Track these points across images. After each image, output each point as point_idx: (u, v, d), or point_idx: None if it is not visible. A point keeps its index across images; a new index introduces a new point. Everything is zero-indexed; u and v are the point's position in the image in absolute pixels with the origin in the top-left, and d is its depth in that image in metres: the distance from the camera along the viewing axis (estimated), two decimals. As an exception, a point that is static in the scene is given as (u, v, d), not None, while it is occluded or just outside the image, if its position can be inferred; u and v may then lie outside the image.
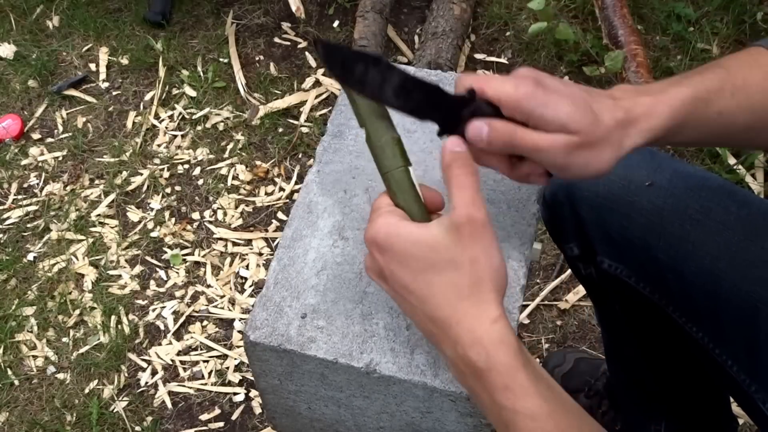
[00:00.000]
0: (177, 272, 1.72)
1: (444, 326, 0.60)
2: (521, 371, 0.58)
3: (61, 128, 2.00)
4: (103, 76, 2.10)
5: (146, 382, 1.57)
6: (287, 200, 1.83)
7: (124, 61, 2.12)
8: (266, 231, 1.78)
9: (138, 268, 1.73)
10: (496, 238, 0.61)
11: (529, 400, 0.57)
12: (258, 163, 1.89)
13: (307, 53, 2.11)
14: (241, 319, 1.64)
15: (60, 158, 1.94)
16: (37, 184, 1.90)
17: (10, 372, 1.59)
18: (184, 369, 1.59)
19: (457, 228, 0.60)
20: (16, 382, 1.58)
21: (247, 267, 1.72)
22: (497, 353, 0.58)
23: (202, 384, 1.56)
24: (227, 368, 1.58)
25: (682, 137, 0.69)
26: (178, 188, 1.86)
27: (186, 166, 1.90)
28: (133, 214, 1.82)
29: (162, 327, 1.64)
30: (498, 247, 0.61)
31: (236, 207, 1.82)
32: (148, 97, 2.05)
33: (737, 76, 0.69)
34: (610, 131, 0.64)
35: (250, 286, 1.69)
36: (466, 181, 0.61)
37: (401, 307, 0.65)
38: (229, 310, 1.66)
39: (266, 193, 1.84)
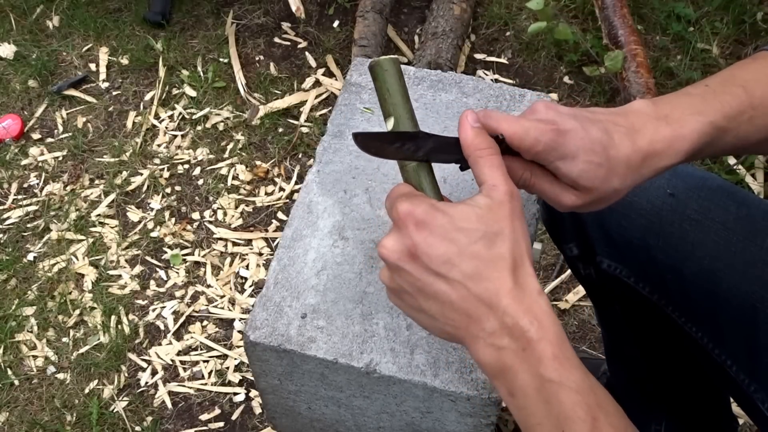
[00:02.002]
0: (177, 272, 1.72)
1: (492, 299, 0.58)
2: (566, 343, 0.58)
3: (61, 128, 2.00)
4: (103, 76, 2.10)
5: (146, 382, 1.57)
6: (287, 200, 1.83)
7: (124, 61, 2.12)
8: (266, 231, 1.78)
9: (138, 268, 1.73)
10: None
11: (575, 372, 0.57)
12: (258, 163, 1.89)
13: (307, 53, 2.11)
14: (241, 319, 1.64)
15: (60, 158, 1.94)
16: (37, 184, 1.90)
17: (10, 372, 1.59)
18: (184, 369, 1.59)
19: (503, 202, 0.60)
20: (16, 382, 1.58)
21: (247, 267, 1.72)
22: (548, 322, 0.58)
23: (202, 384, 1.56)
24: (227, 368, 1.58)
25: (691, 160, 0.70)
26: (178, 188, 1.86)
27: (186, 166, 1.90)
28: (133, 214, 1.82)
29: (162, 327, 1.64)
30: None
31: (236, 207, 1.82)
32: (148, 97, 2.05)
33: (755, 95, 0.69)
34: (623, 179, 0.65)
35: (250, 286, 1.69)
36: (496, 161, 0.62)
37: (428, 289, 0.60)
38: (229, 310, 1.66)
39: (266, 193, 1.85)
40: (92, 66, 2.12)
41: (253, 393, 1.54)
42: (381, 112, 0.69)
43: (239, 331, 1.63)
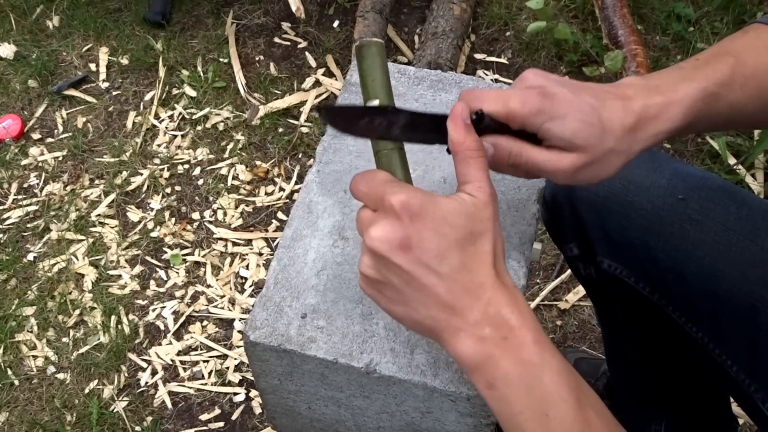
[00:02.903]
0: (177, 272, 1.72)
1: (477, 290, 0.60)
2: (543, 331, 0.60)
3: (61, 128, 2.00)
4: (103, 76, 2.10)
5: (146, 382, 1.57)
6: (287, 200, 1.83)
7: (124, 61, 2.12)
8: (266, 231, 1.78)
9: (138, 268, 1.73)
10: None
11: (555, 356, 0.59)
12: (258, 163, 1.89)
13: (307, 53, 2.11)
14: (241, 319, 1.64)
15: (60, 158, 1.94)
16: (37, 184, 1.90)
17: (10, 372, 1.59)
18: (184, 369, 1.59)
19: (488, 203, 0.61)
20: (16, 382, 1.58)
21: (247, 267, 1.72)
22: (527, 311, 0.60)
23: (202, 384, 1.56)
24: (227, 368, 1.58)
25: (690, 130, 0.69)
26: (178, 188, 1.86)
27: (186, 166, 1.90)
28: (133, 214, 1.82)
29: (162, 327, 1.64)
30: None
31: (236, 207, 1.82)
32: (148, 97, 2.05)
33: (746, 64, 0.69)
34: (619, 141, 0.65)
35: (250, 286, 1.69)
36: (484, 163, 0.63)
37: (416, 282, 0.60)
38: (229, 310, 1.66)
39: (266, 193, 1.85)
40: (92, 66, 2.12)
41: (253, 393, 1.54)
42: (362, 94, 0.68)
43: (239, 331, 1.63)
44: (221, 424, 1.51)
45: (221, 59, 2.10)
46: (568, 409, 0.58)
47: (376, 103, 0.66)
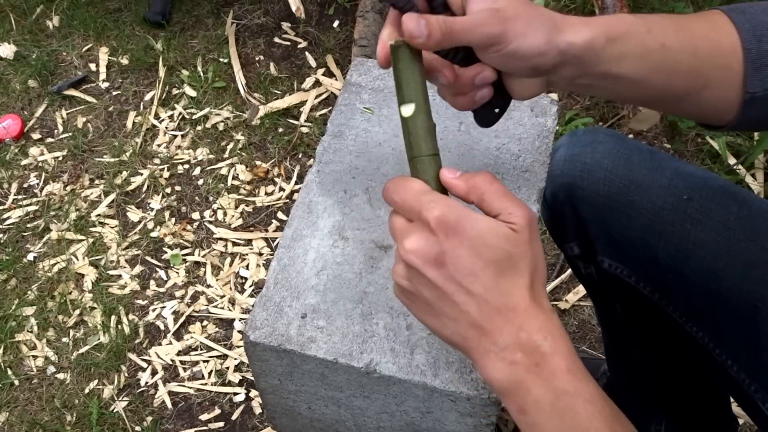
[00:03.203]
0: (177, 272, 1.72)
1: (509, 314, 0.59)
2: (578, 358, 0.59)
3: (61, 128, 2.00)
4: (103, 76, 2.10)
5: (146, 382, 1.57)
6: (287, 200, 1.83)
7: (124, 61, 2.12)
8: (266, 231, 1.78)
9: (138, 268, 1.73)
10: None
11: (589, 384, 0.58)
12: (258, 163, 1.89)
13: (307, 53, 2.11)
14: (241, 319, 1.64)
15: (60, 158, 1.94)
16: (37, 184, 1.90)
17: (10, 372, 1.59)
18: (184, 369, 1.58)
19: (525, 227, 0.60)
20: (16, 382, 1.58)
21: (247, 267, 1.72)
22: (561, 337, 0.59)
23: (202, 384, 1.56)
24: (227, 368, 1.58)
25: (625, 65, 0.67)
26: (178, 188, 1.86)
27: (186, 166, 1.90)
28: (133, 214, 1.82)
29: (162, 327, 1.64)
30: None
31: (236, 207, 1.82)
32: (148, 97, 2.05)
33: (683, 20, 0.69)
34: (544, 15, 0.64)
35: (250, 286, 1.69)
36: (500, 190, 0.62)
37: (448, 298, 0.60)
38: (229, 310, 1.66)
39: (266, 193, 1.84)
40: (92, 66, 2.12)
41: (253, 393, 1.54)
42: (397, 98, 0.66)
43: (239, 331, 1.63)
44: (221, 424, 1.51)
45: (221, 59, 2.10)
46: None
47: (411, 107, 0.64)
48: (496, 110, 0.74)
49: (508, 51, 0.64)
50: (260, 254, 1.74)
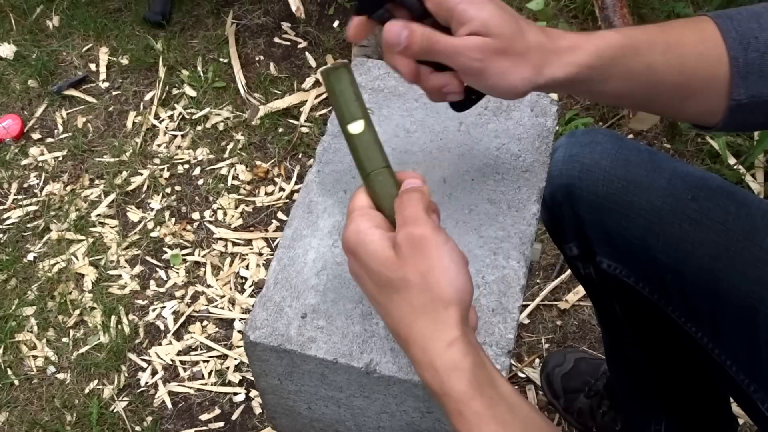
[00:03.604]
0: (177, 272, 1.72)
1: (403, 343, 0.60)
2: (476, 399, 0.56)
3: (61, 128, 2.00)
4: (103, 76, 2.10)
5: (146, 382, 1.57)
6: (287, 200, 1.83)
7: (124, 61, 2.12)
8: (266, 231, 1.78)
9: (138, 268, 1.73)
10: (454, 251, 0.59)
11: (484, 428, 0.55)
12: (258, 163, 1.89)
13: (307, 53, 2.11)
14: (241, 319, 1.65)
15: (60, 158, 1.94)
16: (37, 184, 1.90)
17: (10, 372, 1.59)
18: (184, 369, 1.59)
19: (401, 246, 0.59)
20: (16, 382, 1.58)
21: (247, 267, 1.72)
22: (450, 380, 0.56)
23: (202, 384, 1.56)
24: (227, 368, 1.58)
25: (608, 85, 0.67)
26: (178, 188, 1.86)
27: (186, 166, 1.90)
28: (133, 214, 1.82)
29: (162, 327, 1.64)
30: (457, 259, 0.59)
31: (236, 207, 1.82)
32: (148, 97, 2.05)
33: (671, 34, 0.68)
34: (531, 49, 0.64)
35: (250, 286, 1.69)
36: (413, 198, 0.61)
37: (376, 309, 0.64)
38: (229, 310, 1.66)
39: (266, 193, 1.85)
40: (92, 66, 2.12)
41: (253, 393, 1.54)
42: (341, 119, 0.67)
43: (239, 331, 1.63)
44: (221, 424, 1.51)
45: (221, 59, 2.10)
46: None
47: (361, 123, 0.66)
48: (473, 97, 0.73)
49: (484, 85, 0.65)
50: (260, 254, 1.74)
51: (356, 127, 0.66)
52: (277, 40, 2.15)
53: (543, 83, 0.65)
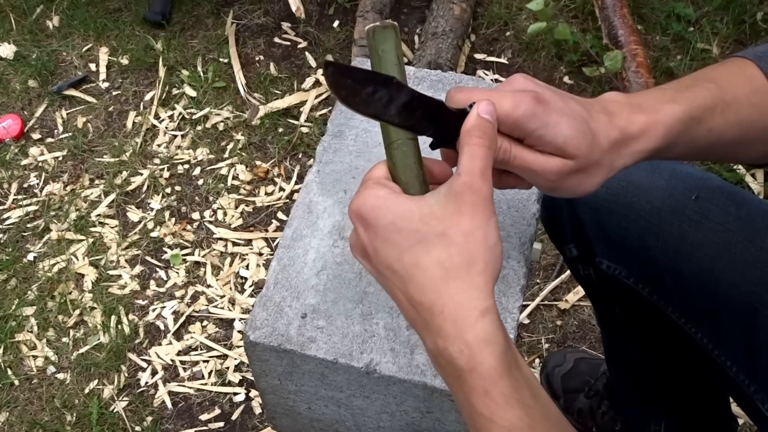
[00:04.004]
0: (177, 272, 1.72)
1: (427, 314, 0.54)
2: (504, 378, 0.53)
3: (61, 128, 2.00)
4: (103, 76, 2.10)
5: (146, 382, 1.57)
6: (287, 200, 1.83)
7: (124, 61, 2.12)
8: (266, 231, 1.78)
9: (138, 268, 1.73)
10: (496, 219, 0.56)
11: (509, 411, 0.53)
12: (258, 163, 1.89)
13: (307, 53, 2.11)
14: (241, 319, 1.65)
15: (60, 158, 1.94)
16: (37, 184, 1.90)
17: (10, 372, 1.59)
18: (184, 369, 1.59)
19: (455, 195, 0.55)
20: (16, 382, 1.58)
21: (247, 267, 1.72)
22: (481, 354, 0.53)
23: (202, 384, 1.56)
24: (227, 368, 1.58)
25: (670, 154, 0.69)
26: (178, 188, 1.86)
27: (186, 166, 1.90)
28: (133, 214, 1.82)
29: (162, 327, 1.64)
30: (497, 226, 0.56)
31: (236, 207, 1.82)
32: (148, 97, 2.05)
33: (727, 92, 0.69)
34: (605, 154, 0.63)
35: (250, 286, 1.69)
36: (480, 152, 0.57)
37: (385, 288, 0.59)
38: (229, 310, 1.66)
39: (266, 193, 1.85)
40: (92, 66, 2.12)
41: (253, 393, 1.54)
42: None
43: (239, 331, 1.63)
44: (221, 424, 1.51)
45: (221, 59, 2.10)
46: None
47: None
48: None
49: (555, 194, 0.66)
50: (260, 254, 1.74)
51: None
52: (277, 40, 2.15)
53: (613, 174, 0.66)
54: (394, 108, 0.59)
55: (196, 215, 1.81)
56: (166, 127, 1.98)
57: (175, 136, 1.96)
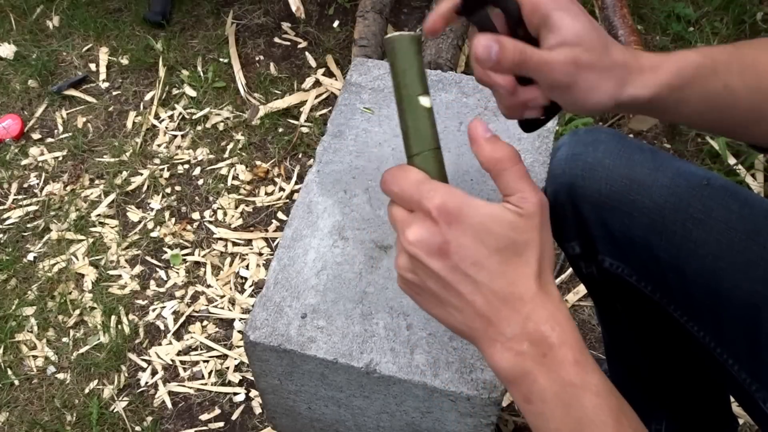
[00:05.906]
0: (177, 272, 1.72)
1: (516, 303, 0.58)
2: (586, 348, 0.58)
3: (61, 128, 2.00)
4: (103, 76, 2.10)
5: (146, 382, 1.57)
6: (287, 200, 1.83)
7: (124, 61, 2.12)
8: (266, 231, 1.78)
9: (138, 268, 1.73)
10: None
11: (595, 376, 0.57)
12: (258, 163, 1.89)
13: (307, 53, 2.11)
14: (241, 319, 1.64)
15: (60, 158, 1.94)
16: (37, 184, 1.90)
17: (10, 372, 1.58)
18: (184, 369, 1.58)
19: (534, 213, 0.59)
20: (16, 382, 1.57)
21: (247, 267, 1.72)
22: (569, 327, 0.58)
23: (202, 384, 1.56)
24: (227, 368, 1.58)
25: (685, 107, 0.68)
26: (178, 188, 1.86)
27: (186, 166, 1.90)
28: (133, 214, 1.82)
29: (162, 327, 1.64)
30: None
31: (236, 207, 1.82)
32: (148, 97, 2.04)
33: (747, 54, 0.69)
34: (616, 65, 0.65)
35: (250, 286, 1.69)
36: (521, 171, 0.60)
37: (453, 288, 0.59)
38: (229, 310, 1.66)
39: (266, 193, 1.84)
40: (92, 66, 2.12)
41: (253, 393, 1.54)
42: (409, 90, 0.63)
43: (239, 331, 1.62)
44: (221, 424, 1.51)
45: (221, 59, 2.10)
46: None
47: (429, 99, 0.64)
48: (542, 117, 0.74)
49: (570, 99, 0.66)
50: (260, 254, 1.74)
51: (427, 101, 0.63)
52: (277, 40, 2.15)
53: (624, 101, 0.66)
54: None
55: (196, 215, 1.81)
56: (166, 127, 1.98)
57: (175, 136, 1.96)
